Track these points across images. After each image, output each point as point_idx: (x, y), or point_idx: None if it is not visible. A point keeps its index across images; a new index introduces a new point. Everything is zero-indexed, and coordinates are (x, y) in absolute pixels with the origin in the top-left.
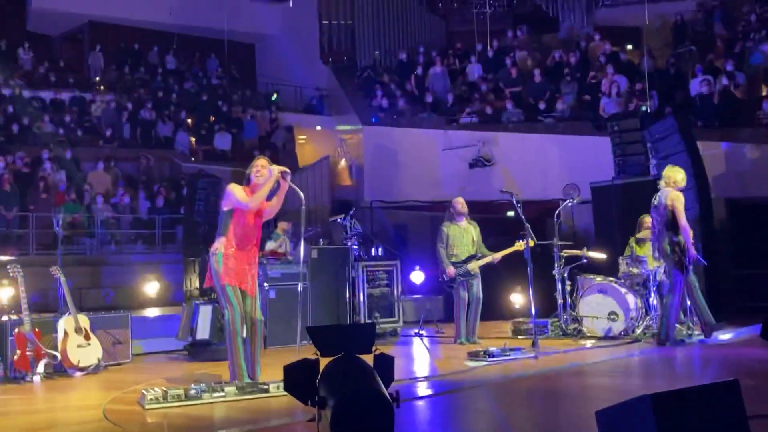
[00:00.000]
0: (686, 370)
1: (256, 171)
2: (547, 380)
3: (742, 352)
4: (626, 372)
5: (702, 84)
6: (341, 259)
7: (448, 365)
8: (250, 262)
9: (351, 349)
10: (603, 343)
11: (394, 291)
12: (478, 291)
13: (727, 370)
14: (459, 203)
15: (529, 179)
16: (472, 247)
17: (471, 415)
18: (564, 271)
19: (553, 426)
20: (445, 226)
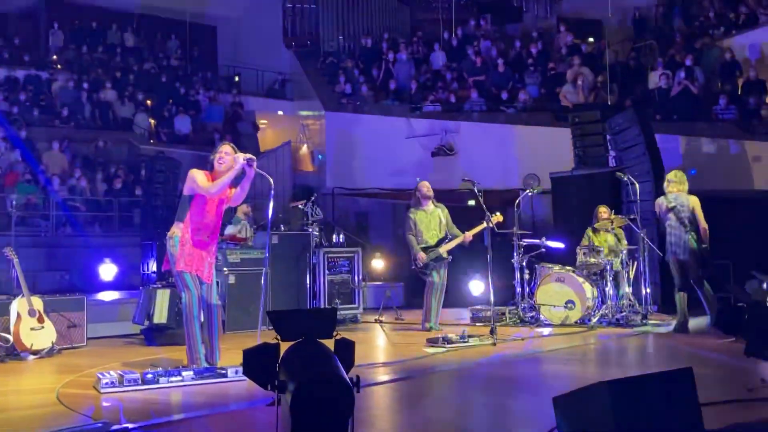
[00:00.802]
0: (641, 358)
1: (219, 158)
2: (505, 367)
3: (696, 341)
4: (583, 359)
5: (661, 78)
6: (302, 245)
7: (408, 351)
8: (208, 250)
9: (312, 333)
10: (560, 331)
11: (354, 278)
12: (444, 276)
13: (681, 358)
14: (425, 187)
15: (490, 169)
16: (441, 231)
17: (430, 401)
18: (523, 259)
19: (511, 412)
20: (411, 213)
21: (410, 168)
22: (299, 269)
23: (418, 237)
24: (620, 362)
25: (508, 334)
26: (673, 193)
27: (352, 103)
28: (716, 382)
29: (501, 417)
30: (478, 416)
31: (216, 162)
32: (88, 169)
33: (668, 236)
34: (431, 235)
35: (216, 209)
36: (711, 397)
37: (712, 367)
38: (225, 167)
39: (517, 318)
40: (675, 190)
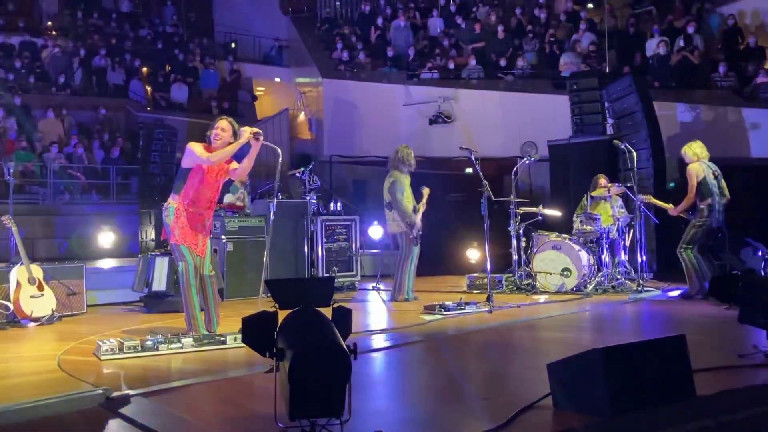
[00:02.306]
0: (635, 325)
1: (215, 135)
2: (501, 334)
3: (689, 309)
4: (577, 326)
5: (659, 45)
6: (300, 213)
7: (404, 319)
8: (203, 223)
9: (310, 302)
10: (556, 299)
11: (352, 245)
12: (419, 247)
13: (674, 325)
14: (412, 155)
15: (488, 136)
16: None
17: (426, 367)
18: (520, 227)
19: (506, 378)
20: (397, 176)
21: (408, 135)
22: (297, 237)
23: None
24: (615, 329)
25: (505, 301)
26: (703, 160)
27: (349, 70)
28: (709, 349)
29: (496, 383)
30: (473, 382)
31: (213, 138)
32: (84, 136)
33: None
34: (410, 201)
35: (214, 182)
36: (704, 364)
37: (705, 333)
38: (220, 143)
39: (514, 285)
40: (705, 157)
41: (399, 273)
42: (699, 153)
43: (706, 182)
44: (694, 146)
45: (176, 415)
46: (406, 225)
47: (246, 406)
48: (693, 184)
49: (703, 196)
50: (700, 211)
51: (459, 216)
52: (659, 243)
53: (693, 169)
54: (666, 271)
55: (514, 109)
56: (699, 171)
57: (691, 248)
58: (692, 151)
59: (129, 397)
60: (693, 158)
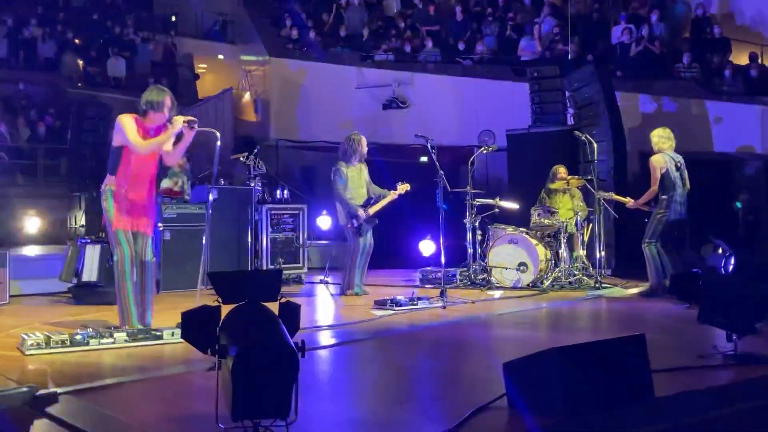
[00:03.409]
0: (593, 323)
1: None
2: (455, 331)
3: (648, 307)
4: (533, 324)
5: (623, 33)
6: (243, 200)
7: (354, 314)
8: (146, 201)
9: (255, 296)
10: (511, 294)
11: (299, 236)
12: (371, 238)
13: (633, 324)
14: (363, 143)
15: (444, 124)
16: (365, 191)
17: (376, 365)
18: (475, 220)
19: (460, 377)
20: (342, 166)
21: (360, 120)
22: (240, 226)
23: (348, 194)
24: (572, 327)
25: (459, 296)
26: (669, 152)
27: (298, 49)
28: (669, 349)
29: (449, 382)
30: (425, 381)
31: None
32: (8, 112)
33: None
34: (359, 194)
35: (149, 158)
36: (663, 365)
37: (665, 333)
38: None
39: (468, 280)
40: (668, 147)
41: (348, 266)
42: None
43: (668, 174)
44: (660, 132)
45: (108, 415)
46: (347, 215)
47: (184, 405)
48: (656, 176)
49: (665, 189)
50: (660, 203)
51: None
52: (618, 238)
53: (656, 161)
54: (625, 268)
55: (472, 96)
56: (662, 163)
57: (654, 243)
58: (658, 138)
59: (57, 396)
60: (657, 147)
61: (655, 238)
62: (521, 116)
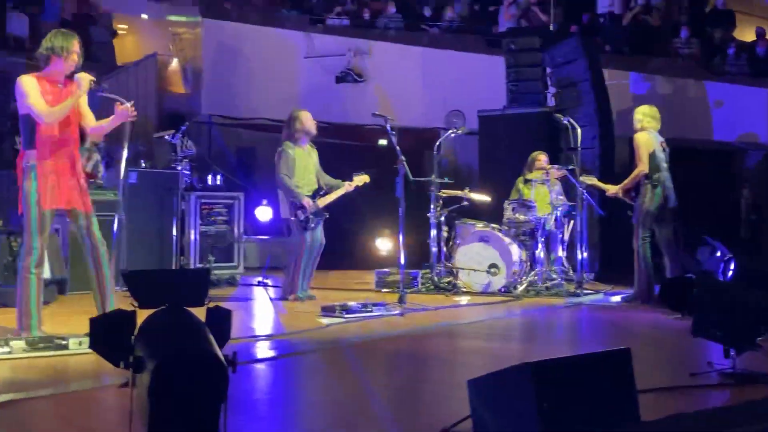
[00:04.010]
0: (572, 335)
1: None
2: (414, 342)
3: (635, 317)
4: (505, 335)
5: (613, 1)
6: (168, 187)
7: (297, 322)
8: (75, 171)
9: (178, 299)
10: (480, 301)
11: (234, 230)
12: (323, 235)
13: (618, 336)
14: (310, 120)
15: (407, 102)
16: (315, 179)
17: (322, 382)
18: (441, 214)
19: (420, 396)
20: (288, 147)
21: (309, 95)
22: (164, 217)
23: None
24: (549, 339)
25: (420, 302)
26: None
27: (237, 10)
28: (657, 366)
29: (407, 401)
30: (379, 400)
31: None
32: None
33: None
34: (308, 182)
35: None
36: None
37: (653, 347)
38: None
39: (432, 284)
40: (653, 127)
41: (292, 266)
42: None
43: (655, 155)
44: (645, 109)
45: None
46: (291, 206)
47: (93, 427)
48: (643, 156)
49: (651, 171)
50: (644, 189)
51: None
52: (603, 238)
53: (642, 139)
54: (610, 272)
55: (440, 70)
56: (649, 142)
57: (648, 239)
58: (642, 116)
59: None
60: (640, 125)
61: (648, 232)
62: (495, 95)
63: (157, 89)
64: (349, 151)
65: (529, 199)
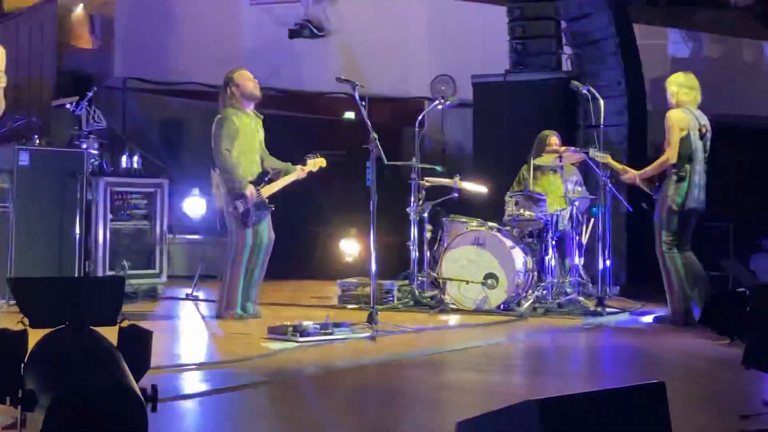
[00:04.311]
0: (591, 366)
1: None
2: (388, 374)
3: (671, 342)
4: (505, 365)
5: None
6: (69, 170)
7: (237, 347)
8: None
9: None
10: (474, 321)
11: (156, 227)
12: (271, 233)
13: (649, 367)
14: (251, 80)
15: (381, 64)
16: (259, 160)
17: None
18: (424, 208)
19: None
20: (230, 113)
21: (254, 54)
22: (64, 210)
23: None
24: (560, 371)
25: (396, 323)
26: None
27: None
28: (699, 405)
29: None
30: None
31: None
32: None
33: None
34: (250, 161)
35: None
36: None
37: (693, 382)
38: None
39: (411, 299)
40: (691, 101)
41: (229, 274)
42: (685, 94)
43: (689, 140)
44: (681, 79)
45: None
46: (229, 194)
47: None
48: (674, 139)
49: (679, 160)
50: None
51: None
52: (632, 242)
53: (676, 118)
54: (639, 285)
55: (423, 23)
56: (684, 121)
57: (677, 246)
58: (677, 87)
59: None
60: (675, 99)
61: (673, 235)
62: (495, 56)
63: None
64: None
65: (537, 191)
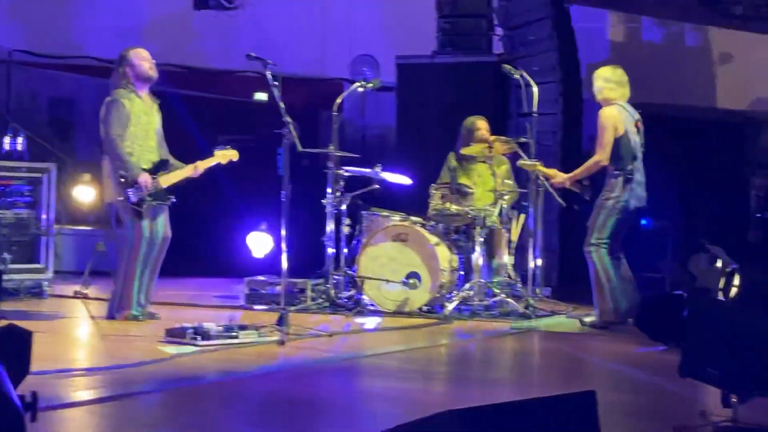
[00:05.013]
0: (518, 373)
1: None
2: (299, 382)
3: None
4: (427, 372)
5: None
6: None
7: (130, 350)
8: None
9: None
10: (394, 323)
11: (41, 217)
12: (167, 227)
13: (578, 374)
14: (147, 60)
15: (296, 41)
16: (158, 147)
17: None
18: (342, 201)
19: None
20: (121, 95)
21: (155, 27)
22: None
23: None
24: (485, 378)
25: (309, 325)
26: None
27: None
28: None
29: None
30: None
31: None
32: None
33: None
34: (146, 148)
35: None
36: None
37: (626, 390)
38: None
39: (326, 299)
40: (619, 97)
41: (123, 270)
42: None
43: (626, 139)
44: (608, 73)
45: None
46: (121, 183)
47: None
48: (608, 139)
49: (621, 161)
50: (611, 183)
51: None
52: (565, 239)
53: (610, 117)
54: (572, 286)
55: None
56: (618, 120)
57: (606, 245)
58: (603, 83)
59: None
60: (601, 95)
61: (606, 236)
62: (421, 36)
63: None
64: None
65: (465, 184)
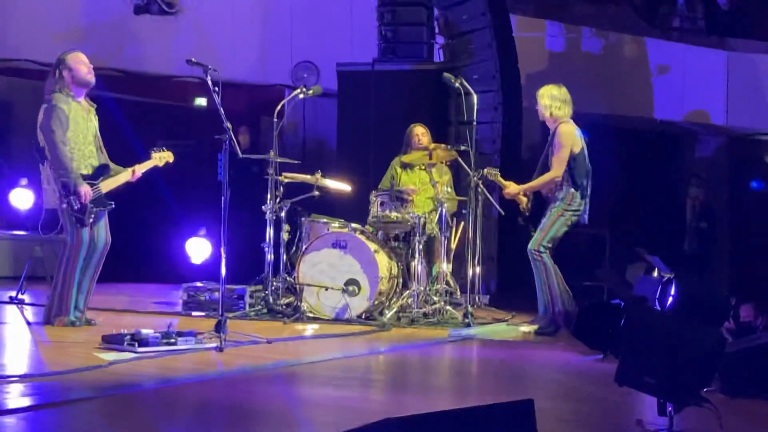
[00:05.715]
0: (457, 381)
1: None
2: (237, 389)
3: (541, 356)
4: (365, 380)
5: None
6: None
7: (66, 357)
8: None
9: None
10: (333, 331)
11: None
12: (107, 232)
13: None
14: (86, 65)
15: (238, 47)
16: (98, 152)
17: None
18: (281, 207)
19: None
20: (59, 100)
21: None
22: None
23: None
24: (424, 386)
25: (247, 332)
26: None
27: None
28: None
29: None
30: None
31: None
32: None
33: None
34: (86, 154)
35: None
36: None
37: (563, 399)
38: None
39: (264, 306)
40: (564, 115)
41: (61, 276)
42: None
43: (583, 156)
44: (554, 92)
45: None
46: (62, 190)
47: None
48: (564, 156)
49: (577, 177)
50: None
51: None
52: (503, 247)
53: (569, 135)
54: (510, 294)
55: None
56: (575, 138)
57: (552, 251)
58: (550, 101)
59: None
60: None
61: (554, 243)
62: (362, 44)
63: None
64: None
65: (404, 189)
